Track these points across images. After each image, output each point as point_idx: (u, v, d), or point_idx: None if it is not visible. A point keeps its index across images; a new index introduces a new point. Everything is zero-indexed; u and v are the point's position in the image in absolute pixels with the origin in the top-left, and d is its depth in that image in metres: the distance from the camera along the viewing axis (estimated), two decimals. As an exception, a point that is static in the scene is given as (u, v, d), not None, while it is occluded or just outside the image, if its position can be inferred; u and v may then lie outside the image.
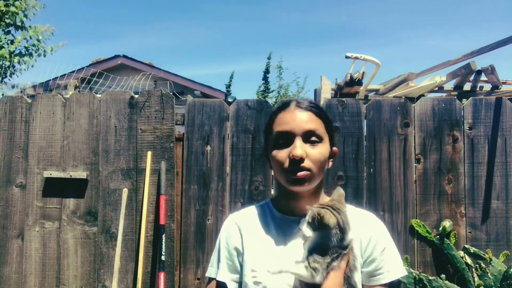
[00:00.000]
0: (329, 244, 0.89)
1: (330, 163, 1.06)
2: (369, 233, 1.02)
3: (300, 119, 1.01)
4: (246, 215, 1.12)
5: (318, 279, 0.88)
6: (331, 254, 0.89)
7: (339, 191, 0.98)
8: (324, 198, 1.08)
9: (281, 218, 1.06)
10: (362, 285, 1.02)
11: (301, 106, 1.03)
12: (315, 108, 1.04)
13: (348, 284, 0.92)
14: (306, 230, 0.90)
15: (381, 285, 1.02)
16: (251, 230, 1.07)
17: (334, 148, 1.07)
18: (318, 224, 0.89)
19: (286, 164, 0.99)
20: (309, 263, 0.89)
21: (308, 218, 0.90)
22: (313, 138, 1.00)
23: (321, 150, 1.00)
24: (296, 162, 0.97)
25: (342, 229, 0.89)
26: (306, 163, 0.98)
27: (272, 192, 2.48)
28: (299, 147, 0.97)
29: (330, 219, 0.88)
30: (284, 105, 1.06)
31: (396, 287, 1.06)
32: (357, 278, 0.98)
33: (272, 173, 2.47)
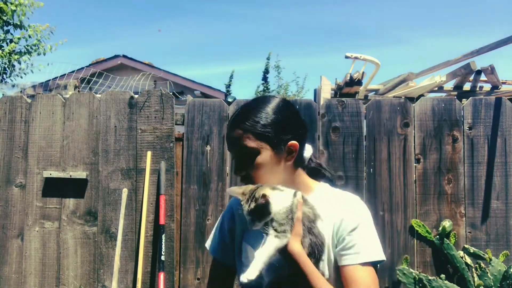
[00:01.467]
0: (269, 212, 0.93)
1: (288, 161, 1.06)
2: (342, 214, 1.03)
3: (229, 141, 1.09)
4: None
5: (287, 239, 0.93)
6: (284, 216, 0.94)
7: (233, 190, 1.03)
8: (308, 184, 1.12)
9: None
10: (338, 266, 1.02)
11: (228, 129, 1.08)
12: (241, 122, 1.05)
13: (311, 233, 0.96)
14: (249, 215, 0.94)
15: (350, 266, 0.99)
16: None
17: (289, 143, 1.05)
18: (256, 208, 0.93)
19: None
20: (275, 230, 0.92)
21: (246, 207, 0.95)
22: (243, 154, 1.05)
23: (258, 161, 1.03)
24: (242, 178, 1.10)
25: (254, 197, 0.94)
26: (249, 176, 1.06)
27: None
28: (236, 169, 1.08)
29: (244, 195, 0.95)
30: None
31: (367, 274, 0.98)
32: (322, 230, 1.00)
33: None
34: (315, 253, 0.95)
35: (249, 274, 0.89)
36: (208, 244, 1.23)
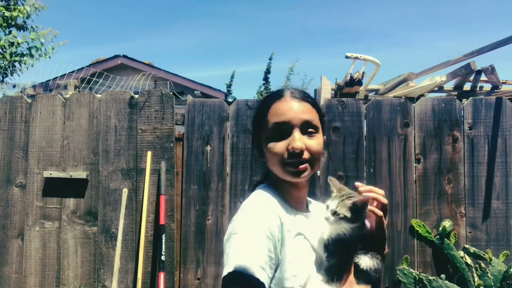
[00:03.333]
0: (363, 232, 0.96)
1: (325, 153, 1.07)
2: None
3: (297, 109, 0.98)
4: (275, 202, 0.99)
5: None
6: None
7: (335, 180, 1.02)
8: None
9: (294, 210, 1.02)
10: None
11: (296, 96, 1.00)
12: (309, 98, 1.03)
13: None
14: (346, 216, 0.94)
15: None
16: (286, 222, 0.96)
17: (324, 137, 1.06)
18: (361, 211, 0.94)
19: (285, 156, 0.96)
20: (372, 255, 0.95)
21: (349, 204, 0.94)
22: (310, 129, 0.98)
23: (318, 141, 0.99)
24: (296, 155, 0.95)
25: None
26: (306, 155, 0.96)
27: None
28: (298, 140, 0.95)
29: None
30: (278, 95, 1.02)
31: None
32: None
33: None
34: None
35: None
36: (262, 274, 0.86)
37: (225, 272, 0.87)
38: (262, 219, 0.92)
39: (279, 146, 0.97)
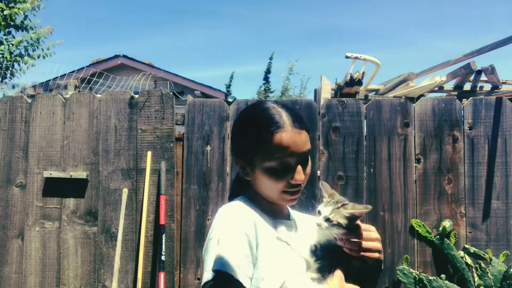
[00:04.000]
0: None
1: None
2: None
3: (299, 142, 0.96)
4: (250, 210, 1.01)
5: None
6: None
7: (326, 185, 1.01)
8: None
9: (273, 218, 1.03)
10: None
11: (296, 126, 0.97)
12: (304, 123, 1.00)
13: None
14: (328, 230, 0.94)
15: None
16: (262, 225, 0.98)
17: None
18: (352, 222, 0.93)
19: (284, 187, 0.97)
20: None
21: (345, 213, 0.93)
22: (307, 158, 1.00)
23: (310, 164, 1.01)
24: (295, 186, 0.97)
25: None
26: (302, 183, 0.98)
27: None
28: (301, 173, 0.97)
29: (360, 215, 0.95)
30: (277, 122, 0.96)
31: None
32: None
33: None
34: None
35: None
36: (241, 274, 0.89)
37: (204, 279, 0.89)
38: (236, 221, 0.96)
39: (281, 179, 0.97)
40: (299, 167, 0.97)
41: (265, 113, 0.98)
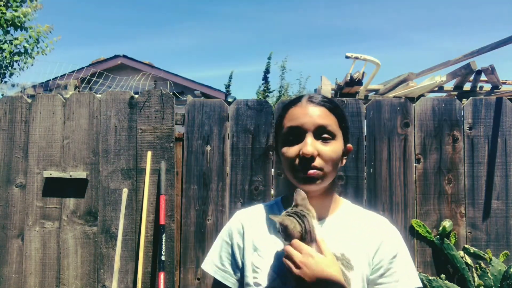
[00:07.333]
0: None
1: (344, 161, 1.01)
2: (379, 239, 0.97)
3: (311, 114, 0.95)
4: (252, 213, 1.08)
5: None
6: None
7: (301, 194, 0.91)
8: (337, 198, 1.04)
9: None
10: None
11: (313, 100, 0.98)
12: (328, 103, 0.99)
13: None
14: (280, 239, 0.91)
15: None
16: (254, 228, 1.04)
17: (349, 145, 1.02)
18: (284, 233, 0.86)
19: (296, 161, 0.94)
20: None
21: (277, 227, 0.88)
22: (325, 135, 0.95)
23: (333, 148, 0.95)
24: (307, 160, 0.92)
25: (307, 235, 0.86)
26: (317, 162, 0.92)
27: (272, 192, 2.48)
28: (310, 144, 0.92)
29: (295, 228, 0.85)
30: (296, 100, 1.01)
31: None
32: (353, 277, 0.91)
33: (272, 173, 2.47)
34: None
35: None
36: (209, 266, 1.12)
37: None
38: (227, 226, 1.11)
39: (291, 151, 0.95)
40: (310, 140, 0.93)
41: (290, 100, 1.09)
